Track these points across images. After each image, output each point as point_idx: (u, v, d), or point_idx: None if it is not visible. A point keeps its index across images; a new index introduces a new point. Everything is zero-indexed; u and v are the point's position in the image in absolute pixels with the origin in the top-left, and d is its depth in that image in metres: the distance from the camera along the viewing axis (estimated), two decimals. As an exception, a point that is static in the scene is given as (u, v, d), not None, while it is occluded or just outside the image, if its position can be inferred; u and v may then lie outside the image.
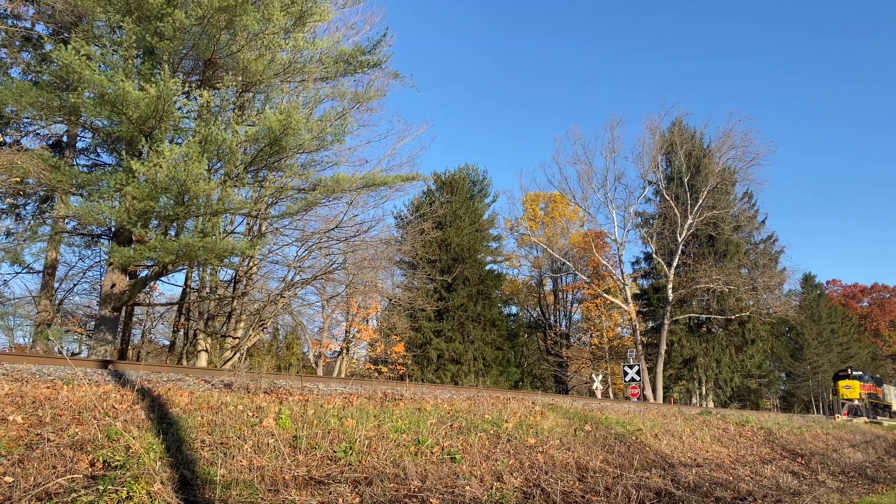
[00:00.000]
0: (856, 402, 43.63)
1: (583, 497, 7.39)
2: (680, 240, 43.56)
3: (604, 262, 49.20)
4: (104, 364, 8.03)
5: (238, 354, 23.93)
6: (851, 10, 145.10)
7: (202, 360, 23.86)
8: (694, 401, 47.39)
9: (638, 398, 31.58)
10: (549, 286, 60.43)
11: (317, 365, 37.60)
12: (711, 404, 45.51)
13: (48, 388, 6.08)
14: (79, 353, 21.54)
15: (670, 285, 43.55)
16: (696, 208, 43.39)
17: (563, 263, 47.98)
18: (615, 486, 7.93)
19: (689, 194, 43.67)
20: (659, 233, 45.22)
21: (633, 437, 11.19)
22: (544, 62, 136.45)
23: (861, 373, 46.49)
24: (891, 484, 13.50)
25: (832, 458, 16.44)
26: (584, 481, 7.98)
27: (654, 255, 46.20)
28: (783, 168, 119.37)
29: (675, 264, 43.99)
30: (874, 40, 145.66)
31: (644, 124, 63.67)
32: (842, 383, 45.51)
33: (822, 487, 11.67)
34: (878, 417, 44.86)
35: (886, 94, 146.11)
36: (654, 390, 40.27)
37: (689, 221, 43.31)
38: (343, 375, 34.88)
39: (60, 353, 6.87)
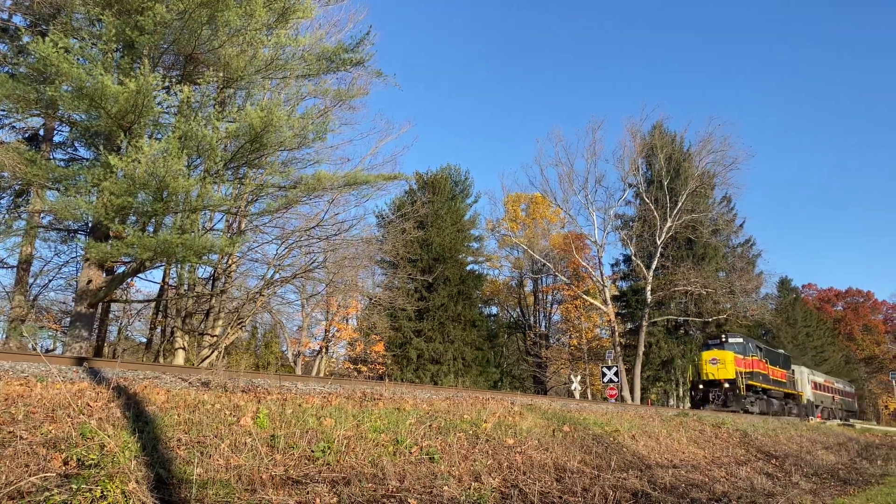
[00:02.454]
0: (726, 386, 29.94)
1: (560, 498, 7.42)
2: (659, 242, 43.92)
3: (584, 264, 49.47)
4: (79, 361, 7.93)
5: (216, 353, 23.74)
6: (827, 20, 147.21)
7: (179, 359, 23.63)
8: (671, 402, 47.80)
9: (616, 399, 31.92)
10: (529, 287, 60.64)
11: (295, 364, 37.41)
12: (688, 406, 45.96)
13: (21, 385, 5.99)
14: (53, 350, 21.25)
15: (649, 287, 43.89)
16: (675, 211, 43.77)
17: (544, 265, 48.17)
18: (592, 487, 7.96)
19: (668, 197, 44.05)
20: (638, 235, 45.57)
21: (611, 438, 11.25)
22: (528, 64, 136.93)
23: (742, 340, 32.69)
24: (862, 486, 13.70)
25: (806, 459, 16.66)
26: (561, 482, 8.01)
27: (633, 258, 46.54)
28: (760, 173, 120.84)
29: (653, 267, 44.34)
30: (830, 55, 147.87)
31: (625, 127, 64.15)
32: (706, 356, 31.91)
33: (796, 489, 11.82)
34: (777, 411, 33.81)
35: (858, 98, 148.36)
36: (631, 391, 40.56)
37: (669, 224, 43.68)
38: (322, 375, 34.72)
39: (34, 349, 6.78)
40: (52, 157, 19.53)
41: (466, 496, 6.52)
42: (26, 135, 19.68)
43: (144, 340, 30.06)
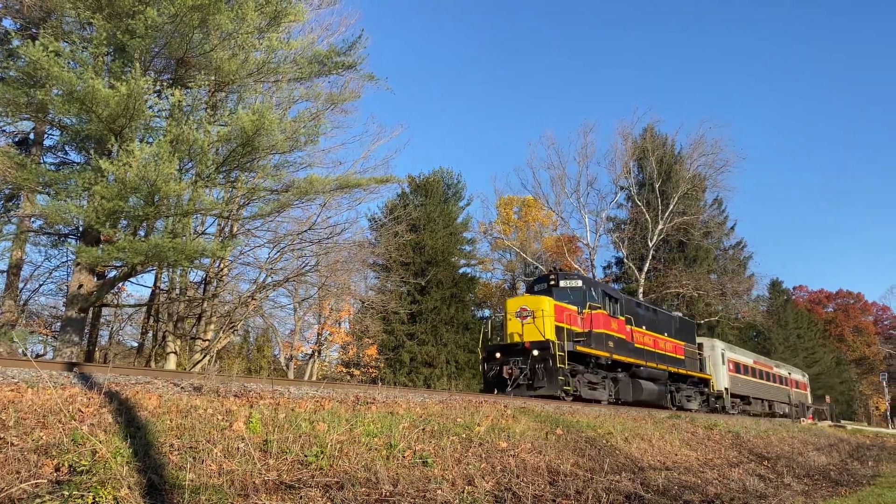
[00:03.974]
0: (534, 354, 18.01)
1: (554, 500, 7.43)
2: (651, 245, 44.09)
3: (576, 267, 49.52)
4: (70, 366, 7.88)
5: (208, 357, 23.66)
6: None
7: (171, 363, 23.54)
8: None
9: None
10: (521, 290, 60.66)
11: (288, 368, 37.31)
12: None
13: (12, 391, 5.95)
14: (44, 355, 21.12)
15: (641, 290, 44.03)
16: (666, 214, 43.96)
17: (537, 267, 48.22)
18: (586, 490, 7.97)
19: (660, 200, 44.24)
20: (630, 238, 45.75)
21: (604, 441, 11.27)
22: (519, 67, 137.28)
23: (581, 284, 20.97)
24: (854, 487, 13.77)
25: (797, 461, 16.72)
26: (555, 485, 8.02)
27: (625, 260, 46.70)
28: (750, 176, 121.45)
29: (645, 269, 44.50)
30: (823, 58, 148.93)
31: (617, 130, 64.41)
32: (512, 306, 19.59)
33: (788, 490, 11.87)
34: (653, 399, 21.85)
35: (850, 99, 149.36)
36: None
37: (660, 227, 43.85)
38: (315, 378, 34.63)
39: (25, 354, 6.74)
40: (42, 161, 19.43)
41: (460, 500, 6.52)
42: (16, 139, 19.57)
43: (136, 345, 29.91)
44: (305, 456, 6.32)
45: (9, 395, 5.75)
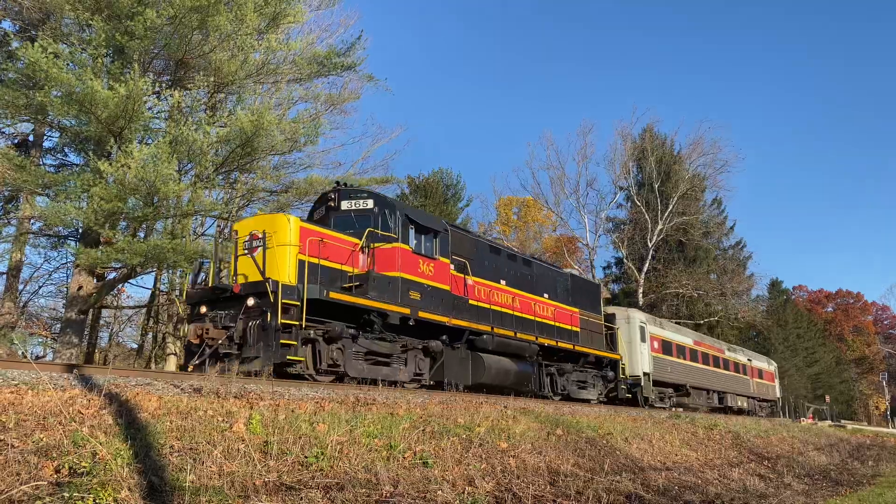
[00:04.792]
0: (249, 304, 11.57)
1: (554, 501, 7.43)
2: (650, 245, 44.11)
3: (576, 267, 49.53)
4: (70, 368, 7.88)
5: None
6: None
7: (171, 364, 23.54)
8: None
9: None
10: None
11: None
12: (681, 408, 46.07)
13: (12, 392, 5.95)
14: (44, 357, 21.13)
15: (641, 290, 44.06)
16: (666, 214, 43.98)
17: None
18: (586, 490, 7.97)
19: (659, 200, 44.26)
20: (630, 238, 45.78)
21: (604, 441, 11.27)
22: (519, 67, 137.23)
23: (372, 206, 14.22)
24: (854, 486, 13.78)
25: (798, 461, 16.74)
26: (555, 485, 8.02)
27: (625, 260, 46.72)
28: (749, 175, 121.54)
29: (645, 269, 44.52)
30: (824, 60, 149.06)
31: (616, 131, 64.54)
32: (242, 230, 12.84)
33: (788, 490, 11.87)
34: (516, 382, 16.66)
35: (849, 100, 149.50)
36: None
37: (660, 227, 43.88)
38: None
39: (25, 356, 6.75)
40: (41, 162, 19.45)
41: (460, 500, 6.52)
42: (15, 140, 19.59)
43: (136, 346, 29.92)
44: (306, 457, 6.32)
45: (9, 396, 5.75)
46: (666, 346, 26.47)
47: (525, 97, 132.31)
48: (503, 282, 17.19)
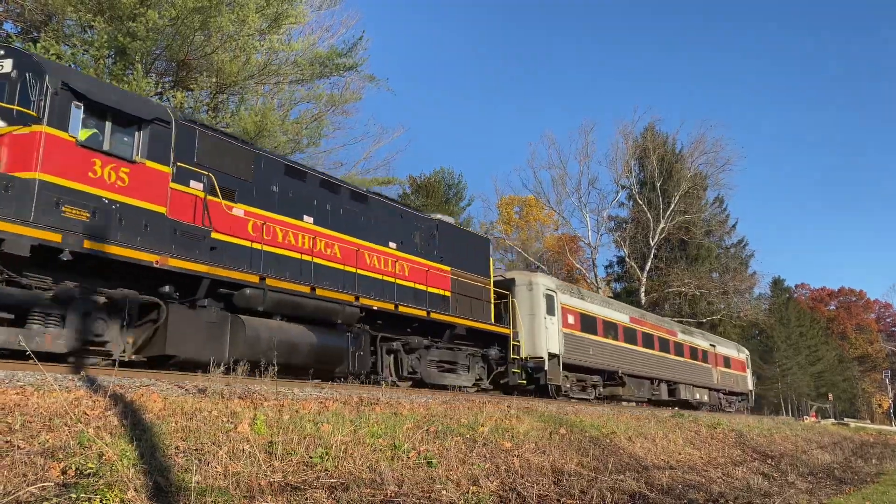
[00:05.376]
0: None
1: (558, 500, 7.44)
2: (652, 244, 44.12)
3: (578, 266, 49.63)
4: (76, 370, 7.91)
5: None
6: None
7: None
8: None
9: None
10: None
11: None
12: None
13: (17, 393, 5.97)
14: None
15: (643, 289, 44.07)
16: (668, 213, 43.99)
17: (538, 267, 48.28)
18: (590, 490, 7.98)
19: (661, 199, 44.27)
20: (632, 237, 45.79)
21: (608, 440, 11.28)
22: (520, 67, 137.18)
23: (2, 65, 8.71)
24: (858, 485, 13.78)
25: (801, 459, 16.73)
26: (559, 485, 8.03)
27: (627, 259, 46.74)
28: (751, 174, 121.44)
29: (647, 268, 44.54)
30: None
31: (617, 130, 64.50)
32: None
33: (792, 489, 11.87)
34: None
35: (853, 98, 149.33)
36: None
37: (662, 226, 43.89)
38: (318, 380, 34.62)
39: (31, 357, 6.75)
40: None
41: (465, 500, 6.53)
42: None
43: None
44: (310, 457, 6.34)
45: (14, 398, 5.77)
46: (587, 322, 21.50)
47: (526, 96, 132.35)
48: (309, 218, 12.87)
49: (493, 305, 17.56)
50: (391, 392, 10.99)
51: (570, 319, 20.68)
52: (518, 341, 17.93)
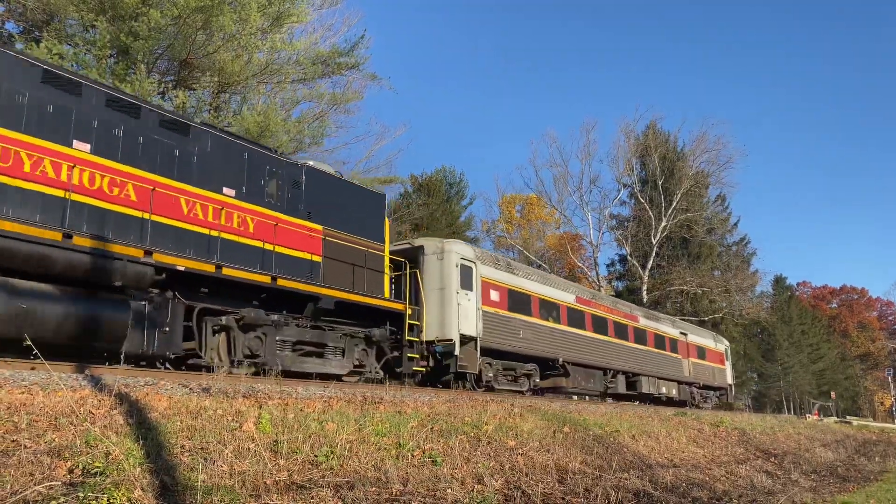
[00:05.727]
0: None
1: (563, 499, 7.44)
2: (654, 242, 44.09)
3: (579, 265, 49.63)
4: (80, 369, 7.92)
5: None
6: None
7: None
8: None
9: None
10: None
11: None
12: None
13: (23, 393, 5.98)
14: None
15: (645, 287, 44.05)
16: (670, 211, 43.95)
17: (540, 265, 48.30)
18: (595, 488, 7.98)
19: (663, 197, 44.24)
20: (633, 235, 45.75)
21: (612, 439, 11.28)
22: (521, 65, 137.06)
23: None
24: (861, 482, 13.77)
25: (804, 457, 16.73)
26: (563, 483, 8.03)
27: (628, 258, 46.71)
28: (753, 172, 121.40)
29: (649, 266, 44.51)
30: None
31: (619, 128, 64.55)
32: None
33: (796, 487, 11.87)
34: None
35: (854, 96, 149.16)
36: (628, 391, 40.62)
37: (664, 224, 43.85)
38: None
39: (37, 356, 6.75)
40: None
41: (470, 499, 6.53)
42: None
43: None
44: (315, 456, 6.34)
45: (20, 397, 5.78)
46: (517, 300, 18.12)
47: (528, 95, 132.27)
48: (83, 145, 9.89)
49: (388, 276, 14.51)
50: (395, 391, 10.99)
51: (494, 296, 17.25)
52: (418, 321, 14.99)
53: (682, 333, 28.50)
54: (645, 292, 43.77)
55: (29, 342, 6.40)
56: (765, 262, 63.23)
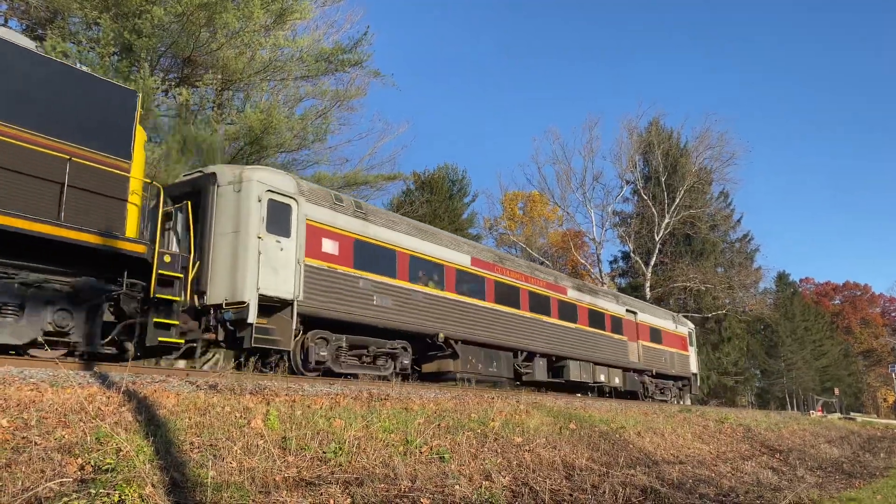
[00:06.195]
0: None
1: (570, 495, 7.44)
2: (657, 239, 44.02)
3: (582, 261, 49.58)
4: (88, 366, 7.92)
5: (222, 355, 23.67)
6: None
7: (179, 361, 23.56)
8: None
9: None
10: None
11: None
12: (689, 401, 45.88)
13: (31, 390, 5.98)
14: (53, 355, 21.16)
15: (648, 284, 43.99)
16: (673, 207, 43.87)
17: (542, 262, 48.26)
18: (602, 484, 7.98)
19: (666, 194, 44.16)
20: (636, 232, 45.70)
21: (617, 435, 11.27)
22: (524, 62, 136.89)
23: None
24: (867, 479, 13.76)
25: (809, 453, 16.71)
26: (571, 479, 8.03)
27: (631, 254, 46.66)
28: (756, 168, 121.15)
29: (652, 263, 44.44)
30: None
31: (622, 124, 64.48)
32: None
33: (802, 483, 11.85)
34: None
35: (857, 92, 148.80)
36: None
37: (667, 220, 43.77)
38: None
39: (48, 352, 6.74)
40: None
41: (478, 495, 6.53)
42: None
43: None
44: (324, 453, 6.34)
45: (29, 394, 5.78)
46: (369, 255, 13.93)
47: (530, 92, 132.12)
48: None
49: (135, 208, 10.38)
50: (400, 387, 10.99)
51: (329, 247, 13.05)
52: (177, 272, 10.33)
53: (629, 311, 24.05)
54: (648, 289, 43.73)
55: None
56: (768, 258, 63.48)
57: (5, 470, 4.36)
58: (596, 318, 21.55)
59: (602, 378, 21.11)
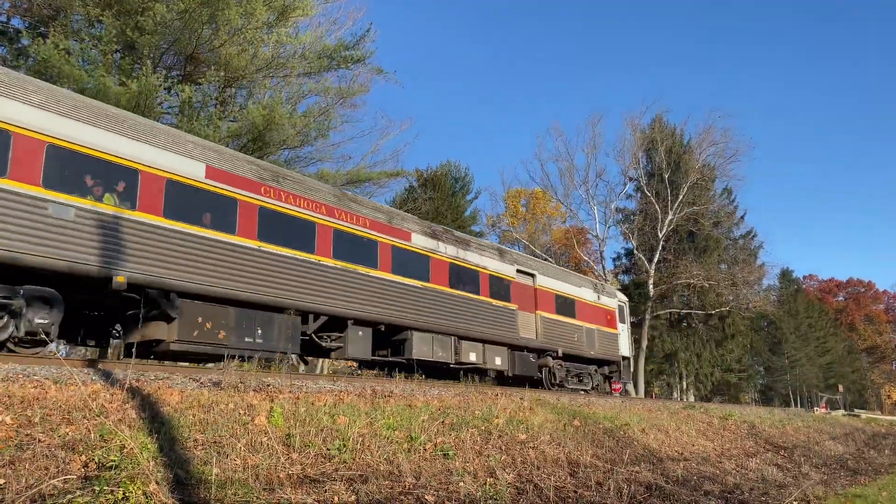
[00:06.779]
0: None
1: (575, 492, 7.41)
2: (660, 235, 43.92)
3: (585, 258, 49.47)
4: (91, 363, 7.91)
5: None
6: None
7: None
8: (675, 395, 47.86)
9: (620, 393, 29.73)
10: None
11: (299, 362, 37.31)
12: (692, 398, 45.83)
13: (35, 387, 5.97)
14: (56, 353, 21.20)
15: (651, 281, 43.90)
16: (676, 204, 43.76)
17: (545, 259, 48.22)
18: (606, 481, 7.95)
19: (669, 190, 44.03)
20: (640, 229, 45.58)
21: (621, 432, 11.24)
22: (528, 59, 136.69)
23: None
24: (872, 475, 13.71)
25: (814, 450, 16.66)
26: (575, 476, 8.00)
27: (635, 251, 46.55)
28: (759, 164, 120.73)
29: (655, 260, 44.34)
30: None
31: (625, 121, 64.33)
32: None
33: (807, 480, 11.81)
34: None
35: (859, 90, 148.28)
36: (635, 385, 40.57)
37: (670, 217, 43.67)
38: (326, 373, 34.71)
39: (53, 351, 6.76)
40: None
41: (483, 492, 6.50)
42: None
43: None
44: (328, 450, 6.32)
45: (32, 391, 5.77)
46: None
47: (533, 88, 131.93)
48: None
49: None
50: (404, 384, 10.98)
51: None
52: None
53: (522, 273, 18.43)
54: (651, 286, 43.66)
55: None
56: (771, 255, 63.17)
57: (9, 467, 4.34)
58: (464, 277, 16.24)
59: (473, 357, 16.08)
